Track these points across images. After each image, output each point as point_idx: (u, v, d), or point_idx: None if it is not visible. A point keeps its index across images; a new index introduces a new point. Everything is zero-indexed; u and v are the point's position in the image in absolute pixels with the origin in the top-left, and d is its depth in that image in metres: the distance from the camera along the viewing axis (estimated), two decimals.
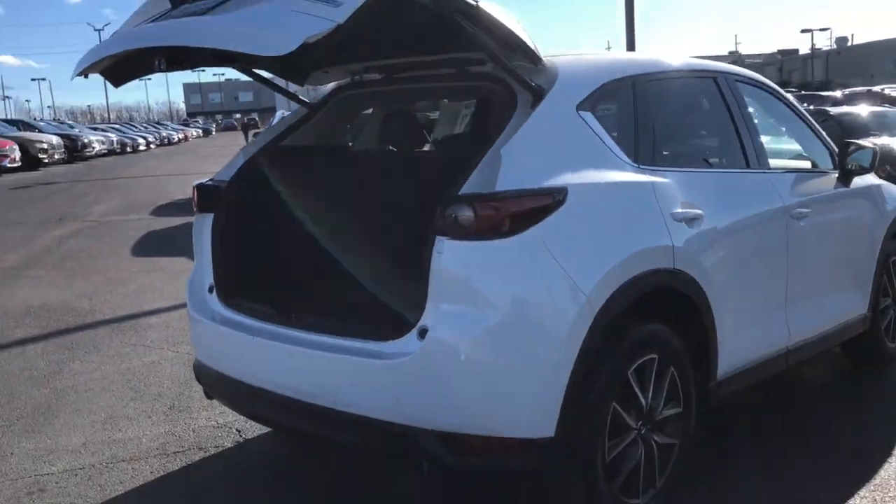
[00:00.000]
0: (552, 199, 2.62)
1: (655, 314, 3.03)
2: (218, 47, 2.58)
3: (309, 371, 2.83)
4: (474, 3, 2.46)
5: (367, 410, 2.66)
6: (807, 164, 4.30)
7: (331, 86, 3.77)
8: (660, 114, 3.35)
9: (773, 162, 3.92)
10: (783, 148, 4.44)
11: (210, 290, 3.32)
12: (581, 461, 2.72)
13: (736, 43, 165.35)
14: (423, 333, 2.57)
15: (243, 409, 3.32)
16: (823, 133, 4.41)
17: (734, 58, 79.70)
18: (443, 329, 2.56)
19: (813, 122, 4.37)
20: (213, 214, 3.36)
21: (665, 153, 3.30)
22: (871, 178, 4.59)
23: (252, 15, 2.50)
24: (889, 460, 3.48)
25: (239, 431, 3.97)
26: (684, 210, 3.08)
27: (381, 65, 3.56)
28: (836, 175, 4.26)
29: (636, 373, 2.91)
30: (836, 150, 4.32)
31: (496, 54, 2.74)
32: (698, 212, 3.14)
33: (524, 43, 2.74)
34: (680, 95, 3.63)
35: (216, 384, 3.26)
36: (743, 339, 3.44)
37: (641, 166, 3.05)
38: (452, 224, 2.53)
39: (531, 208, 2.57)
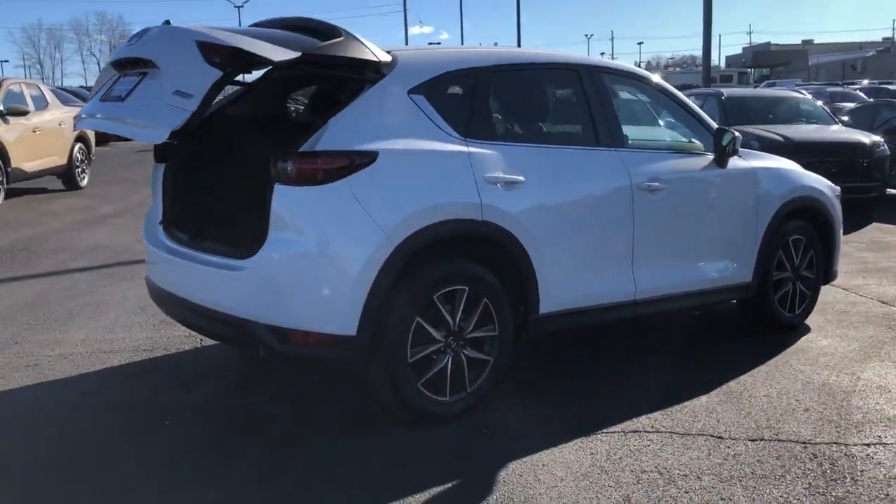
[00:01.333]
0: (360, 160, 3.53)
1: (475, 255, 3.89)
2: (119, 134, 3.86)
3: (197, 280, 3.86)
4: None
5: (226, 308, 3.65)
6: (680, 146, 4.95)
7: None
8: (502, 98, 4.19)
9: (638, 143, 4.65)
10: (663, 133, 5.11)
11: (159, 223, 4.40)
12: (384, 357, 3.63)
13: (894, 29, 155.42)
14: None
15: (167, 311, 4.37)
16: (706, 119, 5.03)
17: (887, 45, 75.75)
18: (272, 250, 3.53)
19: (694, 109, 4.99)
20: (164, 164, 4.43)
21: (500, 131, 4.13)
22: (756, 162, 5.18)
23: (137, 108, 3.58)
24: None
25: (201, 341, 5.07)
26: (502, 175, 3.89)
27: None
28: (712, 157, 4.89)
29: (443, 297, 3.78)
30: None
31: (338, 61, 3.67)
32: (518, 178, 3.95)
33: (366, 51, 3.70)
34: (529, 84, 4.43)
35: (155, 293, 4.34)
36: (570, 285, 4.22)
37: (469, 140, 3.89)
38: (282, 174, 3.48)
39: (340, 166, 3.49)
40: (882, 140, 10.93)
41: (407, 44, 34.31)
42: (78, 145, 13.32)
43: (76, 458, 3.49)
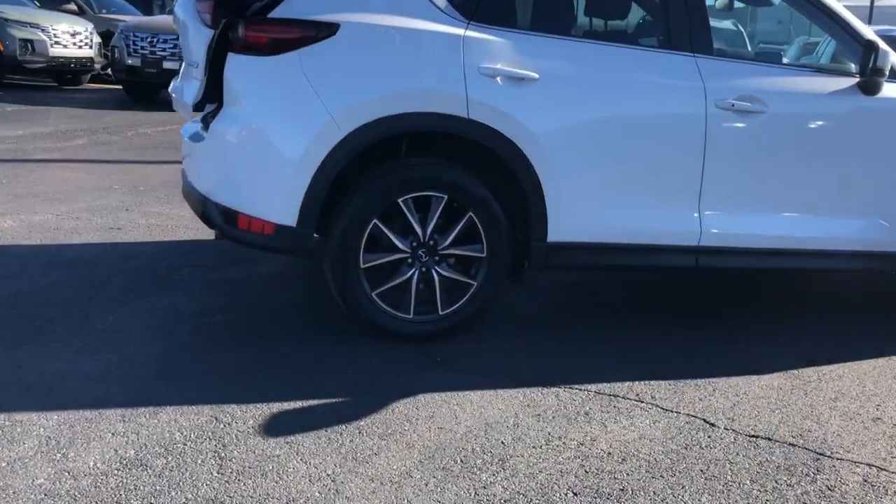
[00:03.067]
0: (316, 31, 3.14)
1: (468, 162, 3.36)
2: None
3: (194, 158, 3.74)
4: None
5: (197, 185, 3.53)
6: (807, 63, 3.82)
7: None
8: None
9: (737, 53, 3.66)
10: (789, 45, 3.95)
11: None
12: (331, 256, 3.29)
13: None
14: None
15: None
16: (857, 27, 3.80)
17: None
18: (221, 123, 3.30)
19: (839, 13, 3.80)
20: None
21: (522, 17, 3.46)
22: None
23: None
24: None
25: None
26: (505, 68, 3.27)
27: None
28: (856, 80, 3.72)
29: (414, 203, 3.31)
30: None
31: None
32: (529, 74, 3.29)
33: None
34: None
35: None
36: (598, 214, 3.49)
37: (473, 23, 3.31)
38: (235, 41, 3.22)
39: (292, 36, 3.14)
40: None
41: None
42: None
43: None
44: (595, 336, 3.66)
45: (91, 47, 13.24)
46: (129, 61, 11.37)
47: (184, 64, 4.05)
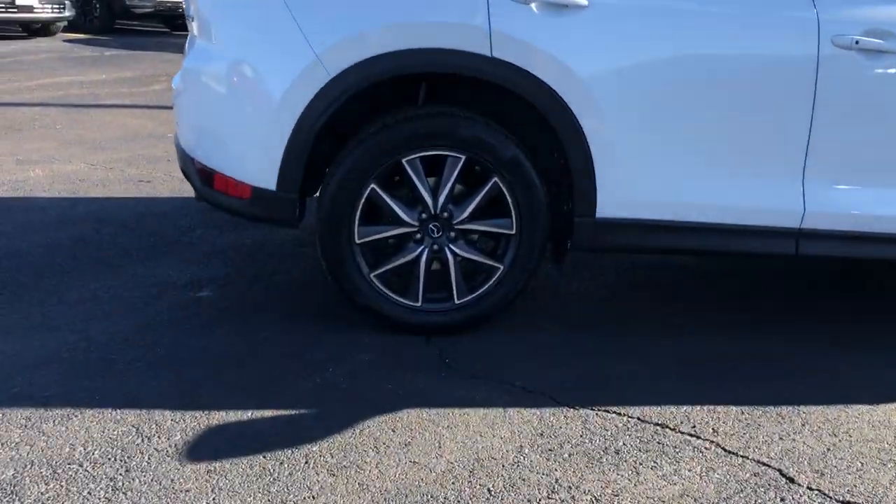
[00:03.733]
0: None
1: (493, 113, 2.66)
2: None
3: (175, 106, 3.16)
4: None
5: (180, 139, 2.98)
6: None
7: None
8: None
9: None
10: None
11: None
12: (321, 227, 2.67)
13: None
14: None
15: None
16: None
17: None
18: (190, 59, 2.73)
19: None
20: None
21: None
22: None
23: None
24: None
25: None
26: None
27: None
28: None
29: (421, 164, 2.64)
30: None
31: None
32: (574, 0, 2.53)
33: None
34: None
35: None
36: (664, 185, 2.72)
37: None
38: None
39: None
40: None
41: None
42: None
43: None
44: (649, 339, 2.89)
45: None
46: None
47: None
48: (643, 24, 2.61)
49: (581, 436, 2.25)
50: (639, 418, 2.35)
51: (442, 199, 2.67)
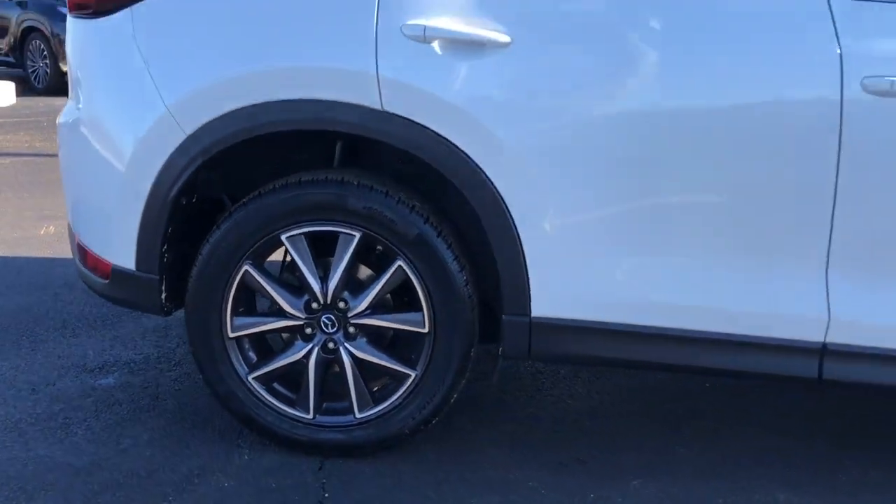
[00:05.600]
0: None
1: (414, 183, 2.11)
2: None
3: None
4: None
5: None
6: None
7: None
8: None
9: None
10: None
11: None
12: (191, 316, 2.18)
13: None
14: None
15: None
16: None
17: None
18: (64, 116, 2.34)
19: None
20: None
21: None
22: None
23: None
24: None
25: None
26: (449, 28, 1.93)
27: None
28: None
29: (304, 242, 2.10)
30: None
31: None
32: (493, 35, 1.92)
33: None
34: None
35: None
36: (632, 276, 2.03)
37: None
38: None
39: None
40: None
41: None
42: None
43: None
44: (673, 444, 2.17)
45: None
46: None
47: None
48: (592, 65, 1.96)
49: None
50: None
51: (332, 285, 2.11)
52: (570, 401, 2.62)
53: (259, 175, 2.21)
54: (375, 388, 2.21)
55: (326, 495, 2.07)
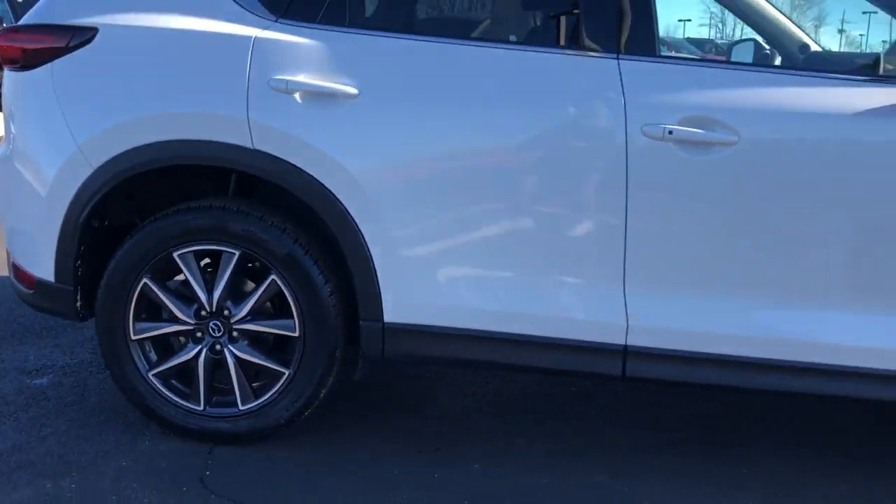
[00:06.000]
0: (68, 40, 2.46)
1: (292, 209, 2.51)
2: None
3: None
4: None
5: None
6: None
7: None
8: None
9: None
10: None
11: None
12: (99, 322, 2.58)
13: None
14: None
15: None
16: None
17: None
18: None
19: None
20: None
21: (353, 12, 2.48)
22: None
23: None
24: None
25: None
26: (306, 81, 2.34)
27: None
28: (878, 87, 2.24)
29: (192, 259, 2.50)
30: None
31: None
32: (344, 88, 2.34)
33: None
34: None
35: None
36: (464, 288, 2.42)
37: (284, 21, 2.42)
38: None
39: (42, 46, 2.48)
40: None
41: None
42: None
43: None
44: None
45: None
46: None
47: None
48: (425, 113, 2.37)
49: None
50: None
51: (216, 296, 2.50)
52: (444, 398, 3.00)
53: (168, 203, 2.61)
54: (257, 385, 2.59)
55: (208, 473, 2.45)
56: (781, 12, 3.11)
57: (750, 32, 3.12)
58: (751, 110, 2.26)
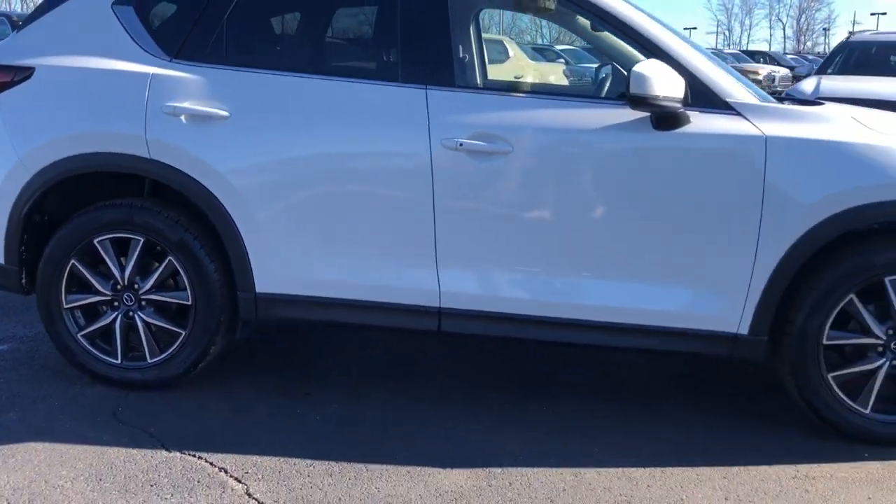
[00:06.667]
0: (12, 76, 3.22)
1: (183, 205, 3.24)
2: None
3: None
4: None
5: None
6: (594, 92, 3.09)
7: None
8: (254, 16, 3.27)
9: (504, 84, 3.10)
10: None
11: None
12: (38, 294, 3.31)
13: None
14: None
15: None
16: (675, 52, 2.99)
17: None
18: None
19: (650, 36, 3.02)
20: None
21: (226, 53, 3.20)
22: (781, 127, 2.91)
23: None
24: None
25: None
26: (188, 106, 3.08)
27: None
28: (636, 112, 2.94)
29: (109, 244, 3.24)
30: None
31: None
32: (216, 111, 3.08)
33: None
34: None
35: None
36: (315, 265, 3.15)
37: (177, 61, 3.18)
38: None
39: None
40: None
41: None
42: None
43: None
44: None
45: None
46: None
47: None
48: (276, 129, 3.10)
49: (143, 470, 2.69)
50: (208, 461, 2.76)
51: (127, 273, 3.24)
52: (331, 358, 3.72)
53: (96, 202, 3.34)
54: (162, 344, 3.32)
55: (120, 409, 3.17)
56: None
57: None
58: (520, 127, 2.98)
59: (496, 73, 8.48)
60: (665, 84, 2.80)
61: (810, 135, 2.90)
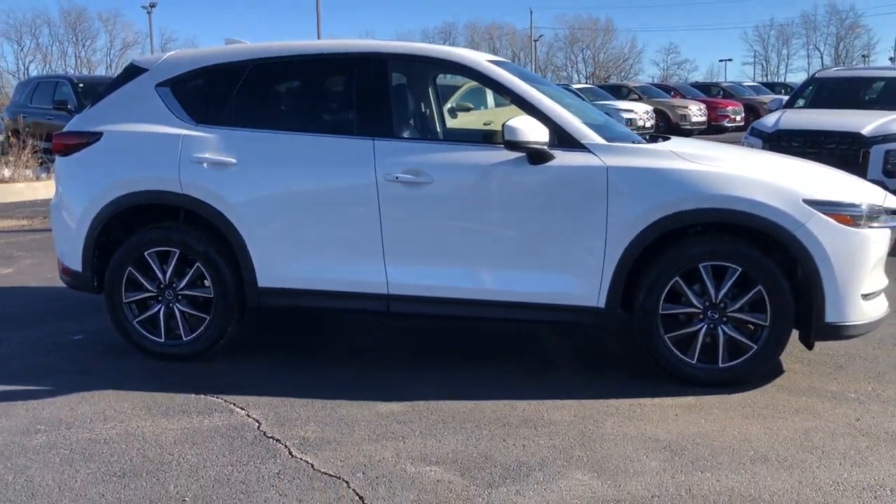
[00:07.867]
0: (86, 138, 4.60)
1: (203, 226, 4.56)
2: None
3: None
4: None
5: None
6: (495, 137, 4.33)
7: None
8: (251, 89, 4.59)
9: (428, 134, 4.39)
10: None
11: None
12: (106, 293, 4.64)
13: None
14: None
15: None
16: (552, 112, 4.24)
17: None
18: (53, 201, 4.87)
19: (532, 100, 4.28)
20: None
21: (235, 118, 4.53)
22: (623, 160, 4.13)
23: None
24: None
25: None
26: (209, 156, 4.42)
27: None
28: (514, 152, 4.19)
29: (155, 256, 4.56)
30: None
31: None
32: (227, 159, 4.41)
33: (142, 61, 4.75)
34: (283, 76, 4.75)
35: None
36: (298, 265, 4.43)
37: (201, 126, 4.52)
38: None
39: (73, 142, 4.63)
40: None
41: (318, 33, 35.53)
42: None
43: None
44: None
45: None
46: None
47: None
48: (270, 171, 4.41)
49: (178, 404, 3.97)
50: (223, 399, 4.03)
51: (168, 276, 4.56)
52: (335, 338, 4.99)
53: (145, 226, 4.68)
54: (192, 327, 4.61)
55: (163, 372, 4.46)
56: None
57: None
58: (438, 164, 4.25)
59: (468, 119, 9.83)
60: (532, 132, 4.06)
61: (638, 164, 4.12)
